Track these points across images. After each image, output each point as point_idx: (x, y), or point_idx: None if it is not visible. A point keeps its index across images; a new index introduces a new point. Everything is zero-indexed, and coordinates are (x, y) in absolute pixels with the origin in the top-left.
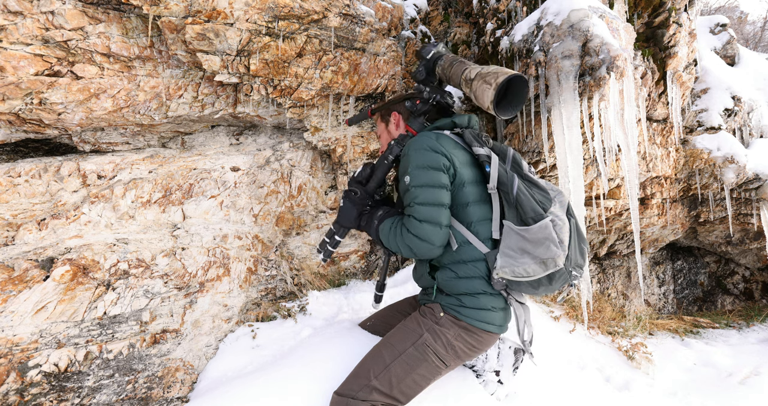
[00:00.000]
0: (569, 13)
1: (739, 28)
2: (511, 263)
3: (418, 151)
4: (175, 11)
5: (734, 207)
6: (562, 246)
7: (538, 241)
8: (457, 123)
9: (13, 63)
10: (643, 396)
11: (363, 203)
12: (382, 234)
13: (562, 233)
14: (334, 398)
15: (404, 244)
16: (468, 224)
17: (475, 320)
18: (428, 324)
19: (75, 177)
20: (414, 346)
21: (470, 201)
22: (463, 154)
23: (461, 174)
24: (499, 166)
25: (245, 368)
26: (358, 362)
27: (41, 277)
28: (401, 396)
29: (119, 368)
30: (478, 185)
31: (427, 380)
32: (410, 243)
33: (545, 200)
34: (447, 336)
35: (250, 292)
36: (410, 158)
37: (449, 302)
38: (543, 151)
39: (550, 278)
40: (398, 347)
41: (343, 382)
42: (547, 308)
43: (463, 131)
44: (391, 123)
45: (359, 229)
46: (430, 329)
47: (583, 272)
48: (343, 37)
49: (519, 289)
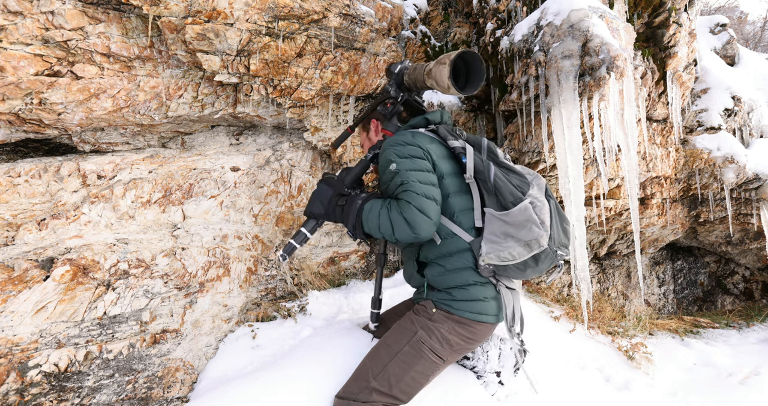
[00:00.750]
0: (569, 13)
1: (739, 28)
2: (495, 248)
3: (395, 146)
4: (175, 11)
5: (734, 207)
6: (543, 227)
7: (520, 223)
8: (429, 120)
9: (13, 63)
10: (643, 396)
11: (339, 186)
12: (366, 214)
13: (542, 213)
14: (336, 401)
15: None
16: (451, 215)
17: (467, 312)
18: (421, 321)
19: (75, 177)
20: (409, 344)
21: (450, 192)
22: (439, 147)
23: (439, 167)
24: (474, 155)
25: (245, 368)
26: (358, 365)
27: (41, 277)
28: (402, 395)
29: (119, 368)
30: (456, 177)
31: (425, 377)
32: (408, 216)
33: (522, 184)
34: (441, 331)
35: (250, 292)
36: (389, 153)
37: (440, 297)
38: (543, 151)
39: (536, 259)
40: (394, 346)
41: (344, 385)
42: (547, 308)
43: (437, 127)
44: (371, 131)
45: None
46: (424, 326)
47: (568, 251)
48: (343, 37)
49: (506, 273)
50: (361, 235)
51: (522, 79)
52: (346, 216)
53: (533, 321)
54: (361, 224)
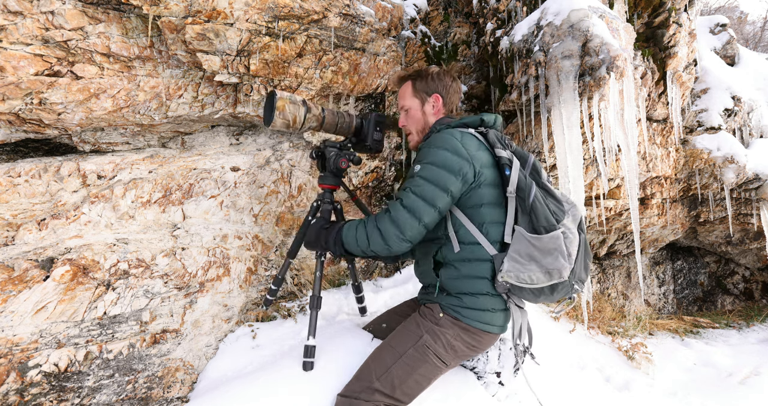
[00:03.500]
0: (569, 13)
1: (739, 28)
2: (517, 268)
3: (440, 149)
4: (175, 11)
5: (734, 207)
6: (569, 259)
7: (548, 250)
8: (484, 120)
9: (13, 63)
10: (643, 396)
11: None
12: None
13: (571, 246)
14: (338, 400)
15: (373, 228)
16: (480, 225)
17: (474, 321)
18: (427, 325)
19: (75, 177)
20: (414, 347)
21: (484, 203)
22: (486, 155)
23: (482, 175)
24: (519, 171)
25: (245, 368)
26: (361, 365)
27: (41, 277)
28: (404, 397)
29: (119, 368)
30: (495, 188)
31: (428, 380)
32: (381, 226)
33: (559, 212)
34: (446, 337)
35: (250, 292)
36: (429, 152)
37: (449, 301)
38: (543, 151)
39: (552, 289)
40: (399, 348)
41: (347, 384)
42: (547, 308)
43: (488, 131)
44: (428, 103)
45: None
46: (430, 331)
47: (583, 286)
48: (343, 37)
49: (520, 294)
50: (341, 251)
51: (522, 79)
52: (328, 237)
53: (533, 321)
54: (341, 242)
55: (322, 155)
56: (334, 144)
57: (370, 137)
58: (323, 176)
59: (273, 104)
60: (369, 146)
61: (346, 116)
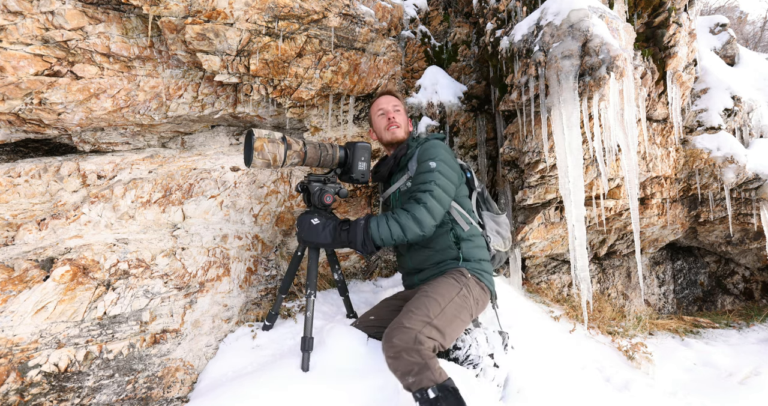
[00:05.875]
0: (569, 13)
1: (739, 28)
2: (494, 239)
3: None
4: (175, 11)
5: (734, 207)
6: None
7: (504, 224)
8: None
9: (13, 63)
10: (643, 396)
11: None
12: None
13: None
14: (402, 329)
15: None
16: (469, 211)
17: (487, 281)
18: (463, 281)
19: (75, 177)
20: (458, 296)
21: (463, 195)
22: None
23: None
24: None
25: (245, 368)
26: (410, 307)
27: (41, 277)
28: (448, 338)
29: (119, 368)
30: (465, 185)
31: (463, 327)
32: (419, 215)
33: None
34: (474, 292)
35: (250, 292)
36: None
37: (473, 266)
38: (543, 151)
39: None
40: (447, 295)
41: (405, 318)
42: (547, 308)
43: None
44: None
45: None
46: (465, 285)
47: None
48: (343, 37)
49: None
50: (372, 248)
51: (522, 79)
52: (354, 237)
53: (533, 321)
54: (372, 239)
55: (306, 190)
56: (318, 178)
57: (356, 169)
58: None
59: (251, 144)
60: (355, 178)
61: (329, 148)
